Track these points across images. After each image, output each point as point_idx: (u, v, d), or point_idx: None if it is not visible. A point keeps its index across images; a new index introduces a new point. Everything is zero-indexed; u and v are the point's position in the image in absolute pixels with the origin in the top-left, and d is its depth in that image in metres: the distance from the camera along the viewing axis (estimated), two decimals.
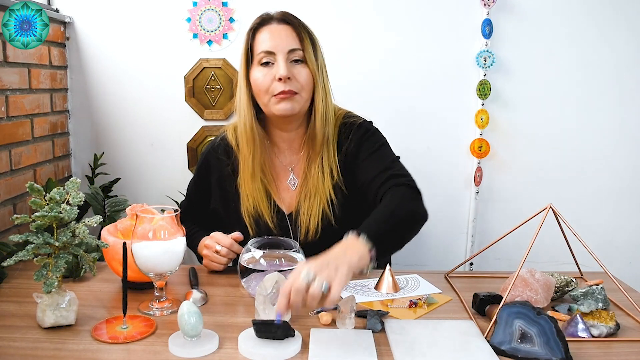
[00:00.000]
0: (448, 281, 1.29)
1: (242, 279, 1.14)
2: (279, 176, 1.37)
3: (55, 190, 0.99)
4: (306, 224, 1.31)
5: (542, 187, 2.05)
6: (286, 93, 1.24)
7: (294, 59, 1.26)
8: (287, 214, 1.35)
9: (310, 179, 1.31)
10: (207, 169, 1.40)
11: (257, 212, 1.32)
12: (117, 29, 1.95)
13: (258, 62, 1.27)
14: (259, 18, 1.31)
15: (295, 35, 1.27)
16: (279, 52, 1.25)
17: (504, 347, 0.94)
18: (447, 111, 2.01)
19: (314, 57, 1.28)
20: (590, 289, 1.12)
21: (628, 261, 2.10)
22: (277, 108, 1.26)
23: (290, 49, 1.26)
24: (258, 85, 1.27)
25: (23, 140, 1.66)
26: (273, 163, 1.37)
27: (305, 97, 1.28)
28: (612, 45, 1.96)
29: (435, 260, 1.99)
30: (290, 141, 1.37)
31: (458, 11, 1.94)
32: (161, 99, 1.99)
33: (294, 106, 1.26)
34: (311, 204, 1.30)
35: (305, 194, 1.32)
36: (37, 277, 0.97)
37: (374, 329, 1.00)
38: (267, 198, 1.33)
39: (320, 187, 1.30)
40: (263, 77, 1.26)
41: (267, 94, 1.26)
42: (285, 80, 1.24)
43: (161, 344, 0.94)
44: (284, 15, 1.30)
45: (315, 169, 1.31)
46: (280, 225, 1.34)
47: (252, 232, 1.32)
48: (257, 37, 1.29)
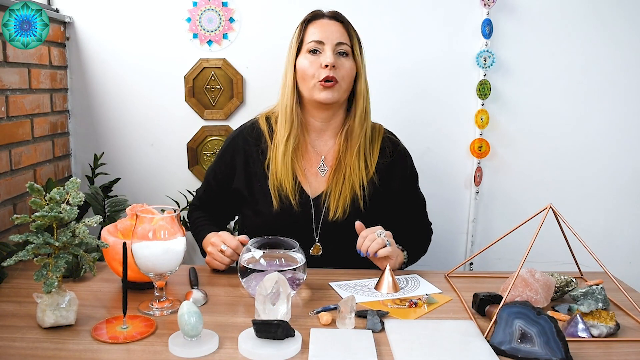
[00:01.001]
0: (448, 281, 1.29)
1: (242, 279, 1.14)
2: (310, 161, 1.45)
3: (55, 190, 0.99)
4: (335, 203, 1.38)
5: (542, 187, 2.05)
6: (330, 79, 1.34)
7: (340, 51, 1.38)
8: (312, 197, 1.41)
9: (345, 166, 1.41)
10: (233, 151, 1.46)
11: (281, 187, 1.39)
12: (117, 29, 1.95)
13: (307, 50, 1.39)
14: (311, 13, 1.44)
15: (344, 32, 1.40)
16: (327, 42, 1.37)
17: (504, 347, 0.94)
18: (447, 111, 2.01)
19: (359, 53, 1.41)
20: (590, 289, 1.12)
21: (628, 261, 2.10)
22: (319, 95, 1.37)
23: (339, 42, 1.38)
24: (305, 70, 1.38)
25: (23, 140, 1.66)
26: (306, 149, 1.45)
27: (344, 87, 1.39)
28: (612, 45, 1.96)
29: (435, 260, 1.98)
30: (323, 131, 1.46)
31: (458, 11, 1.94)
32: (161, 99, 1.99)
33: (334, 94, 1.37)
34: (344, 185, 1.40)
35: (338, 178, 1.41)
36: (37, 277, 0.97)
37: (374, 329, 1.00)
38: (293, 178, 1.40)
39: (355, 173, 1.40)
40: (310, 64, 1.37)
41: (313, 79, 1.37)
42: (330, 68, 1.34)
43: (161, 344, 0.94)
44: (335, 13, 1.44)
45: (352, 158, 1.41)
46: (304, 206, 1.39)
47: (277, 206, 1.38)
48: (309, 29, 1.41)
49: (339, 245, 1.38)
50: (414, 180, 1.51)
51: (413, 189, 1.51)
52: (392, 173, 1.45)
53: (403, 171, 1.47)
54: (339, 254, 1.39)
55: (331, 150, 1.45)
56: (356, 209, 1.38)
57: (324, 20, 1.41)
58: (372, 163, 1.42)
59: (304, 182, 1.42)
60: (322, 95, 1.36)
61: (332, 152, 1.45)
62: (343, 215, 1.38)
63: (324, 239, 1.40)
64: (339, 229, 1.38)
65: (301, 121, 1.43)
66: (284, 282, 1.01)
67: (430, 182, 1.65)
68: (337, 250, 1.40)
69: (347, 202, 1.38)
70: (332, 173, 1.42)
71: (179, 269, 1.11)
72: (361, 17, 1.92)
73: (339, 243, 1.39)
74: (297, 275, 1.13)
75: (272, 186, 1.39)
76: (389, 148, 1.46)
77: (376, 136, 1.46)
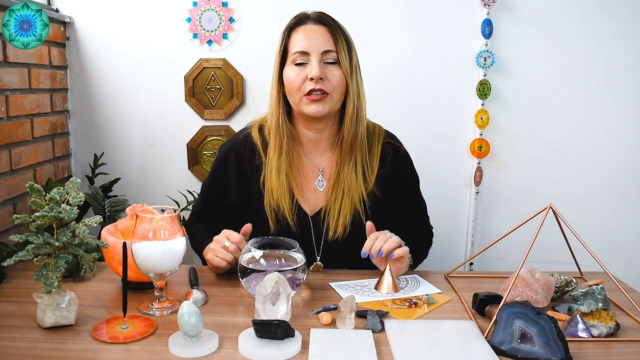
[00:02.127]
0: (448, 281, 1.29)
1: (242, 279, 1.14)
2: (306, 176, 1.38)
3: (55, 190, 0.99)
4: (335, 222, 1.32)
5: (542, 187, 2.05)
6: (317, 92, 1.27)
7: (328, 61, 1.29)
8: (310, 215, 1.35)
9: (343, 180, 1.34)
10: (226, 165, 1.40)
11: (278, 207, 1.33)
12: (117, 29, 1.95)
13: (292, 61, 1.30)
14: (295, 17, 1.34)
15: (330, 37, 1.30)
16: (313, 53, 1.28)
17: (504, 347, 0.94)
18: (447, 111, 2.01)
19: (348, 59, 1.30)
20: (590, 289, 1.11)
21: (628, 261, 2.10)
22: (307, 109, 1.29)
23: (324, 50, 1.28)
24: (291, 83, 1.30)
25: (23, 140, 1.66)
26: (301, 162, 1.39)
27: (336, 99, 1.31)
28: (612, 45, 1.96)
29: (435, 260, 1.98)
30: (318, 141, 1.39)
31: (458, 11, 1.94)
32: (161, 99, 1.99)
33: (325, 107, 1.29)
34: (344, 202, 1.33)
35: (337, 194, 1.33)
36: (37, 277, 0.97)
37: (374, 329, 1.00)
38: (290, 196, 1.34)
39: (353, 187, 1.33)
40: (296, 76, 1.29)
41: (299, 93, 1.29)
42: (317, 81, 1.26)
43: (161, 344, 0.94)
44: (320, 15, 1.33)
45: (348, 170, 1.34)
46: (302, 225, 1.34)
47: (273, 228, 1.33)
48: (293, 37, 1.31)
49: (341, 262, 1.35)
50: (415, 184, 1.47)
51: (415, 193, 1.47)
52: (393, 181, 1.39)
53: (404, 177, 1.42)
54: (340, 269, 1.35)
55: (328, 162, 1.38)
56: (357, 225, 1.32)
57: (308, 25, 1.31)
58: (371, 174, 1.36)
59: (301, 199, 1.35)
60: (311, 108, 1.28)
61: (330, 164, 1.38)
62: (343, 234, 1.32)
63: (324, 257, 1.36)
64: (340, 248, 1.33)
65: (293, 134, 1.36)
66: (284, 282, 1.01)
67: (430, 182, 1.64)
68: (339, 267, 1.35)
69: (347, 220, 1.32)
70: (331, 188, 1.35)
71: (179, 269, 1.11)
72: (361, 17, 1.93)
73: (340, 261, 1.35)
74: (297, 275, 1.13)
75: (268, 206, 1.33)
76: (389, 155, 1.39)
77: (375, 142, 1.39)
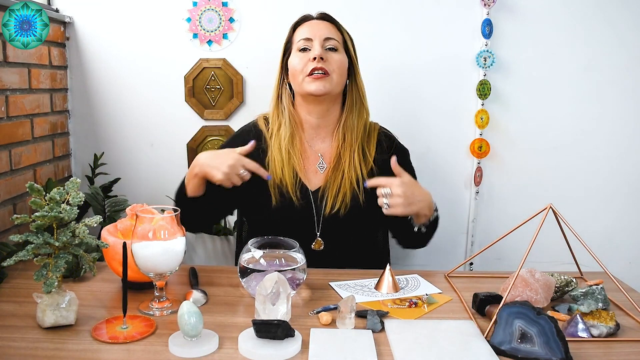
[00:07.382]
0: (448, 281, 1.29)
1: (242, 279, 1.14)
2: (308, 159, 1.45)
3: (55, 190, 0.99)
4: (333, 199, 1.38)
5: (542, 187, 2.04)
6: (319, 71, 1.35)
7: (329, 47, 1.39)
8: (311, 190, 1.41)
9: (343, 163, 1.40)
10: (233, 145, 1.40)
11: (282, 182, 1.38)
12: (117, 29, 1.94)
13: (297, 48, 1.40)
14: (301, 17, 1.47)
15: (332, 28, 1.42)
16: (315, 38, 1.38)
17: (504, 347, 0.94)
18: (447, 111, 2.01)
19: (351, 46, 1.43)
20: (590, 289, 1.12)
21: (628, 261, 2.09)
22: (310, 87, 1.36)
23: (327, 37, 1.39)
24: (294, 66, 1.39)
25: (23, 140, 1.66)
26: (303, 147, 1.46)
27: (336, 80, 1.38)
28: (612, 45, 1.96)
29: (435, 260, 1.98)
30: (319, 128, 1.46)
31: (458, 11, 1.94)
32: (161, 99, 1.99)
33: (326, 85, 1.36)
34: (343, 182, 1.39)
35: (337, 175, 1.40)
36: (37, 277, 0.97)
37: (374, 329, 1.00)
38: (293, 173, 1.40)
39: (356, 167, 1.40)
40: (299, 60, 1.39)
41: (302, 74, 1.37)
42: (319, 60, 1.35)
43: (161, 344, 0.94)
44: (324, 14, 1.46)
45: (348, 154, 1.41)
46: (304, 200, 1.39)
47: (275, 202, 1.38)
48: (297, 31, 1.44)
49: (341, 240, 1.40)
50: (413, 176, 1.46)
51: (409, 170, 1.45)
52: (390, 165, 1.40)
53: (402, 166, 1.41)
54: (341, 249, 1.40)
55: (329, 148, 1.46)
56: (356, 204, 1.39)
57: (312, 21, 1.44)
58: (369, 157, 1.43)
59: (303, 177, 1.42)
60: (313, 86, 1.36)
61: (330, 150, 1.45)
62: (344, 210, 1.38)
63: (325, 233, 1.40)
64: (340, 224, 1.38)
65: (295, 118, 1.44)
66: (284, 282, 1.01)
67: (430, 182, 1.64)
68: (339, 246, 1.41)
69: (347, 198, 1.38)
70: (331, 170, 1.42)
71: (179, 269, 1.11)
72: (361, 17, 1.93)
73: (340, 238, 1.40)
74: (297, 275, 1.13)
75: (272, 183, 1.39)
76: (385, 142, 1.48)
77: (372, 132, 1.48)
